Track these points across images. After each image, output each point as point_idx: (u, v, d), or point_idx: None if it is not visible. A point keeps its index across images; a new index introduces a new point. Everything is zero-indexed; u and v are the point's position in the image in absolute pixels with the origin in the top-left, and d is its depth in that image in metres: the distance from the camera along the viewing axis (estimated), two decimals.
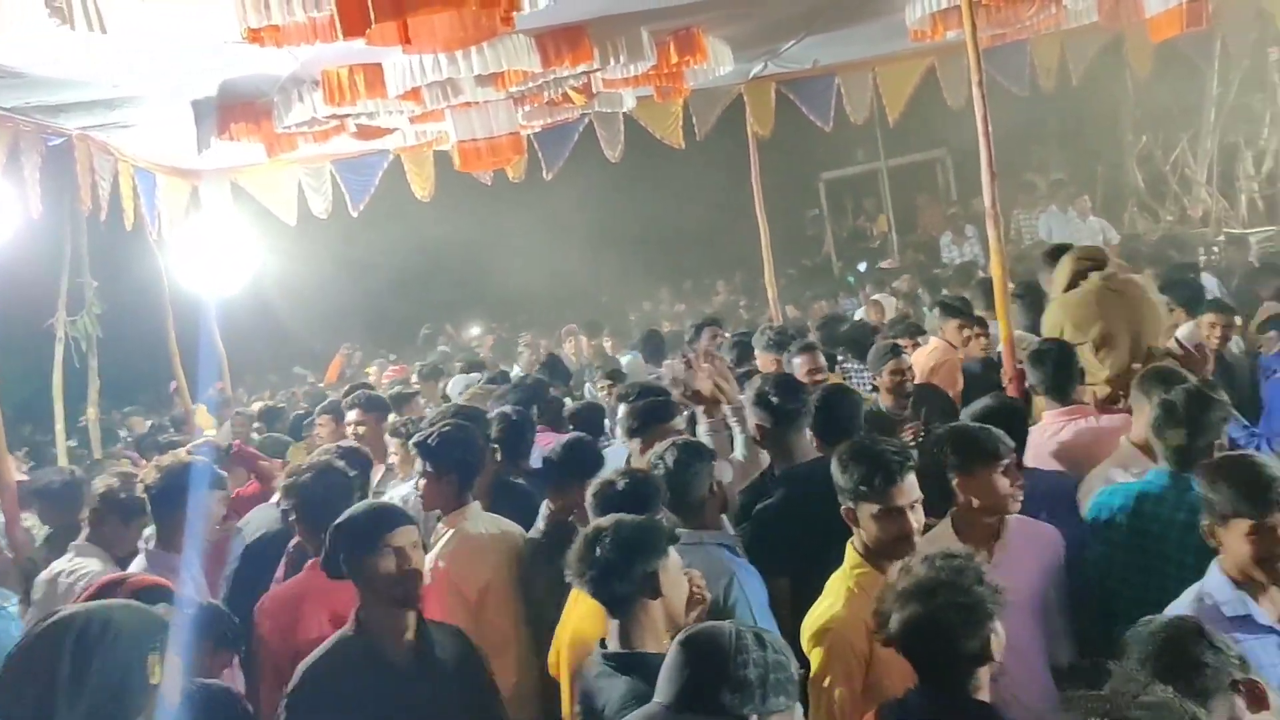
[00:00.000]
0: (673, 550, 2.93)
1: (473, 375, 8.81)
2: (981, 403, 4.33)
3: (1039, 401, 4.88)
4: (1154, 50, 10.16)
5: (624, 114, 9.30)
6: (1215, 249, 11.85)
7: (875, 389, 6.02)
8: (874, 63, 9.89)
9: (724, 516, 3.88)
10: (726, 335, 8.45)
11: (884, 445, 3.32)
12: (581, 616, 3.34)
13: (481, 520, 4.20)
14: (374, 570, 3.13)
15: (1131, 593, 3.50)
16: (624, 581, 2.84)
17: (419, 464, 4.25)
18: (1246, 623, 2.93)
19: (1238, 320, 6.38)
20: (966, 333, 6.86)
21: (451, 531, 4.13)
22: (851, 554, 3.28)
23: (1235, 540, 2.96)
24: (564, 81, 7.14)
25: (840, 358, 7.25)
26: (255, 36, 4.51)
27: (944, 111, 9.98)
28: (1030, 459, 4.17)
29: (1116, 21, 8.54)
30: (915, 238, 16.59)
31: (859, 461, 3.26)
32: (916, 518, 3.23)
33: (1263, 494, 2.94)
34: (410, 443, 4.51)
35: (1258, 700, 2.32)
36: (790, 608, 3.58)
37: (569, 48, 6.11)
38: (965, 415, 4.32)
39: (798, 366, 6.10)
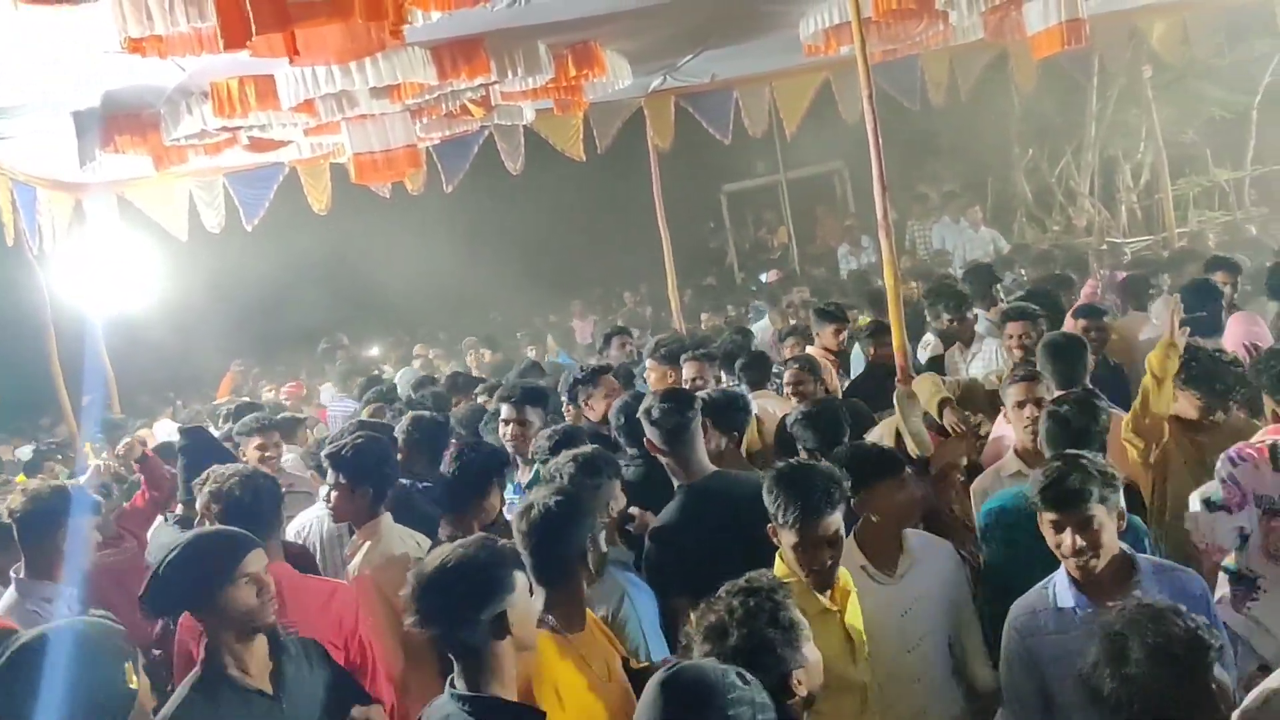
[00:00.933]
0: (519, 577, 2.68)
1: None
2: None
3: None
4: (1037, 67, 10.52)
5: (524, 126, 9.28)
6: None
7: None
8: (771, 77, 10.06)
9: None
10: (634, 344, 8.48)
11: (817, 474, 3.21)
12: None
13: (395, 531, 4.15)
14: (231, 603, 2.90)
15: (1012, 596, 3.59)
16: (467, 629, 2.58)
17: (331, 476, 4.16)
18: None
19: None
20: (842, 336, 7.03)
21: (369, 543, 4.08)
22: (780, 567, 3.23)
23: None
24: (462, 94, 7.09)
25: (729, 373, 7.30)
26: (136, 47, 4.38)
27: (840, 124, 10.22)
28: None
29: (1002, 38, 8.82)
30: (815, 249, 16.91)
31: (788, 489, 3.17)
32: (834, 552, 3.18)
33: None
34: (323, 454, 4.41)
35: None
36: None
37: (465, 60, 6.07)
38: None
39: (685, 376, 6.11)
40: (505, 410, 5.23)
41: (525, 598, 2.70)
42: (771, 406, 5.88)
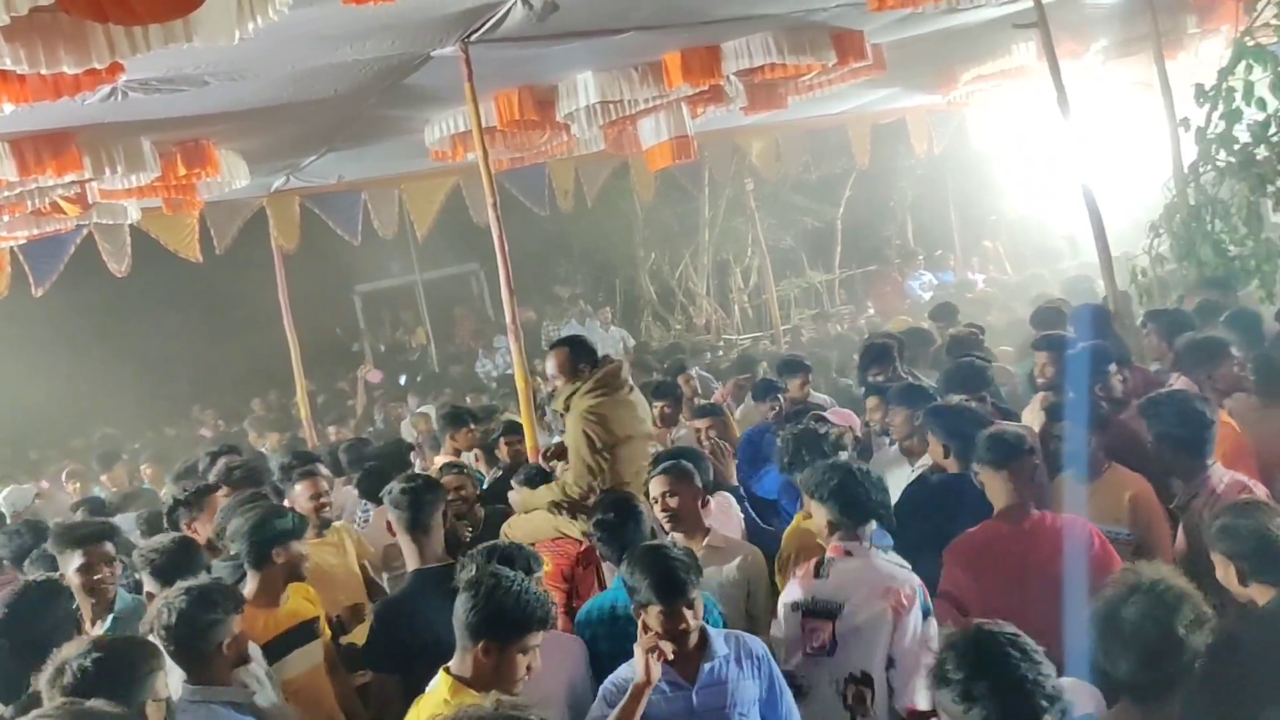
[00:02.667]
0: None
1: None
2: None
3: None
4: (655, 177, 11.28)
5: (130, 225, 8.56)
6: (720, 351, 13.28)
7: None
8: (400, 179, 10.02)
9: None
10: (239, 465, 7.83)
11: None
12: None
13: None
14: None
15: None
16: None
17: None
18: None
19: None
20: (471, 438, 6.99)
21: None
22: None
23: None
24: (52, 190, 6.44)
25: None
26: None
27: (476, 226, 10.32)
28: None
29: (622, 150, 9.38)
30: (454, 349, 16.88)
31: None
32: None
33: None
34: None
35: None
36: (402, 704, 3.44)
37: (52, 155, 5.53)
38: None
39: (297, 495, 5.31)
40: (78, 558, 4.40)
41: None
42: None
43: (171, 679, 3.21)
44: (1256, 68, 6.93)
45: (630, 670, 3.28)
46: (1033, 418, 5.05)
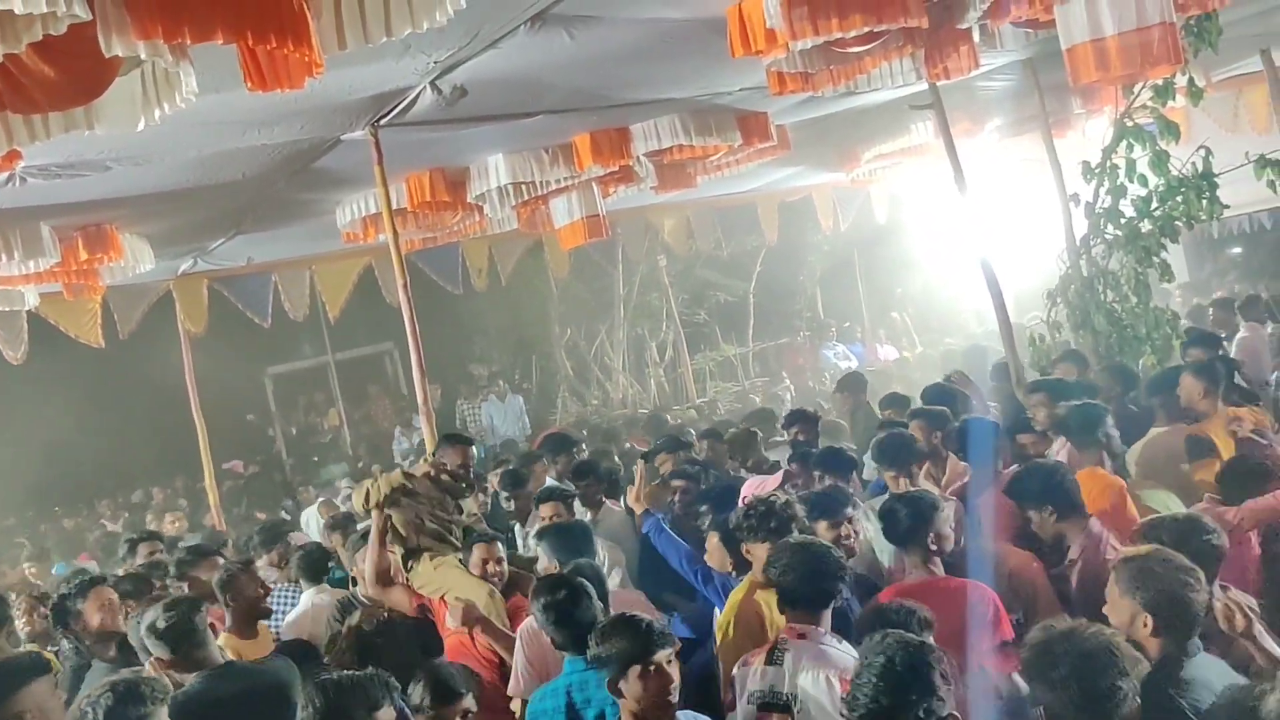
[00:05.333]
0: None
1: None
2: None
3: None
4: (569, 254, 11.36)
5: (27, 311, 8.30)
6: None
7: None
8: (311, 261, 9.94)
9: None
10: (163, 551, 7.61)
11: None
12: None
13: None
14: None
15: None
16: None
17: None
18: None
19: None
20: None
21: None
22: None
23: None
24: None
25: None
26: None
27: (389, 306, 10.23)
28: None
29: (535, 229, 9.45)
30: (368, 430, 16.60)
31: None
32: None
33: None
34: None
35: None
36: None
37: None
38: None
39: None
40: None
41: None
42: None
43: None
44: (1137, 146, 7.30)
45: None
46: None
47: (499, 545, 4.87)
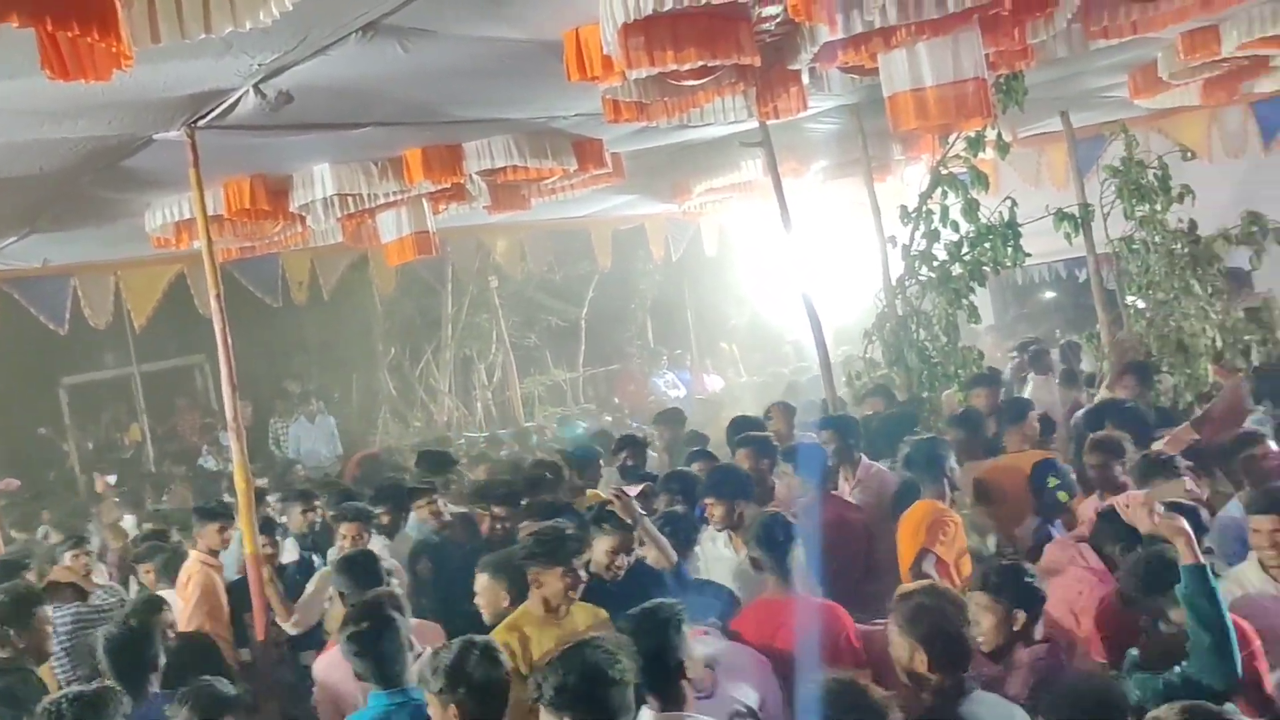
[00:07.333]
0: None
1: None
2: None
3: None
4: (396, 271, 11.09)
5: None
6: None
7: None
8: (117, 266, 9.33)
9: None
10: None
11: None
12: None
13: None
14: None
15: None
16: None
17: None
18: None
19: None
20: (229, 533, 6.51)
21: None
22: None
23: None
24: None
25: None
26: None
27: (202, 316, 9.71)
28: None
29: (361, 243, 9.18)
30: (175, 446, 15.69)
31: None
32: None
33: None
34: None
35: None
36: None
37: None
38: None
39: None
40: None
41: None
42: None
43: None
44: (951, 193, 7.70)
45: None
46: None
47: None
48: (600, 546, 4.54)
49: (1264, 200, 8.69)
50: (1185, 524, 3.46)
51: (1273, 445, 5.49)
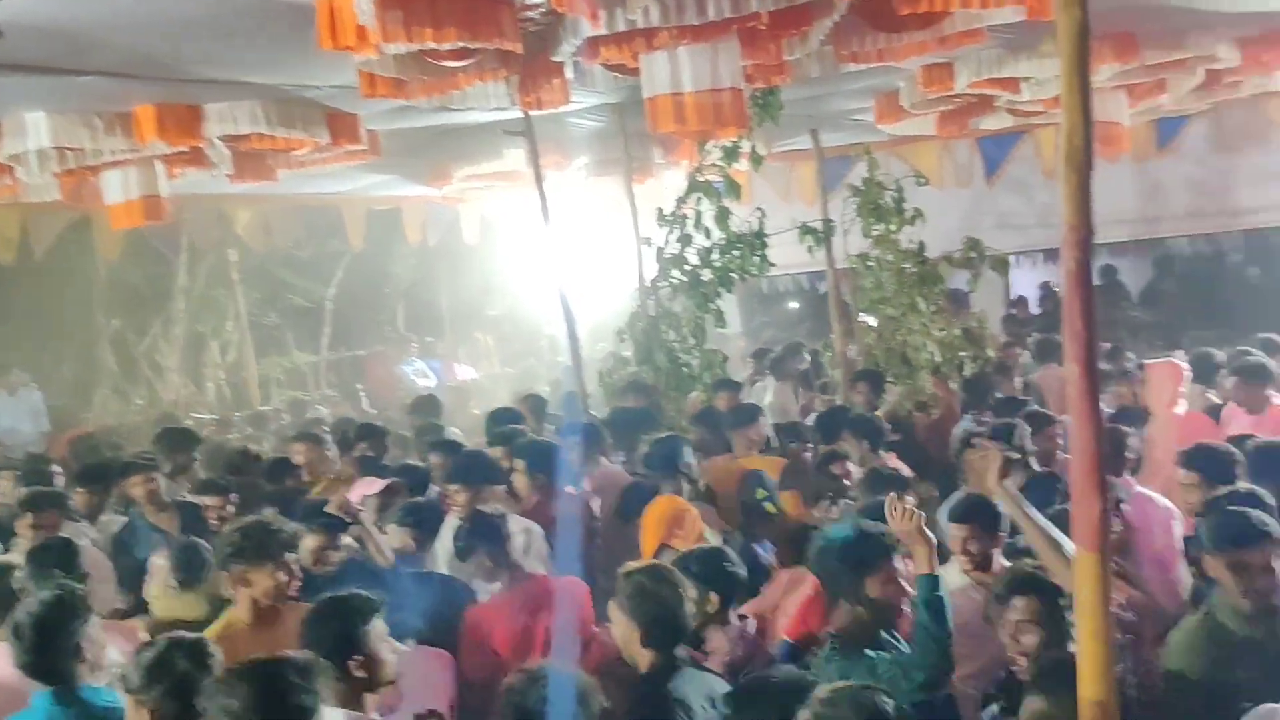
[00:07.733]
0: None
1: None
2: None
3: None
4: (122, 236, 10.19)
5: None
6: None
7: None
8: None
9: None
10: None
11: None
12: None
13: None
14: None
15: None
16: None
17: None
18: None
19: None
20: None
21: None
22: None
23: None
24: None
25: None
26: None
27: None
28: None
29: (81, 203, 8.38)
30: None
31: None
32: None
33: None
34: None
35: None
36: None
37: None
38: None
39: None
40: None
41: None
42: None
43: None
44: (705, 200, 7.88)
45: None
46: None
47: None
48: (305, 544, 4.43)
49: (983, 229, 9.49)
50: (930, 535, 3.63)
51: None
